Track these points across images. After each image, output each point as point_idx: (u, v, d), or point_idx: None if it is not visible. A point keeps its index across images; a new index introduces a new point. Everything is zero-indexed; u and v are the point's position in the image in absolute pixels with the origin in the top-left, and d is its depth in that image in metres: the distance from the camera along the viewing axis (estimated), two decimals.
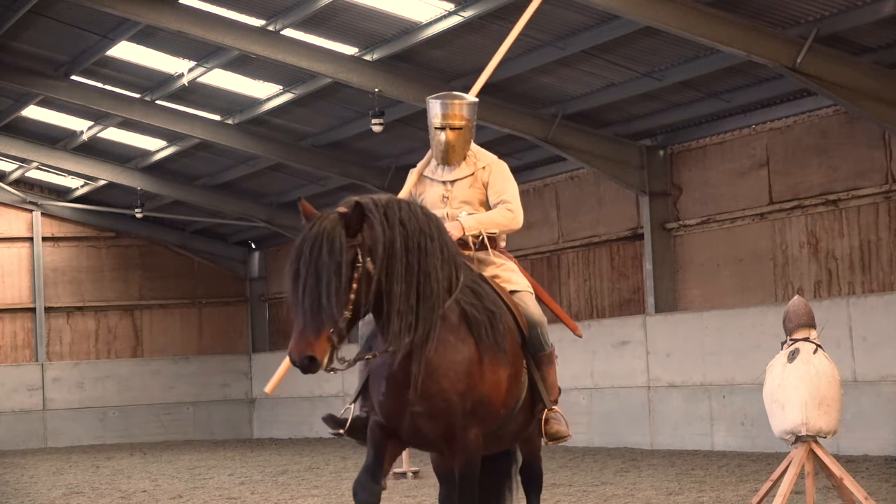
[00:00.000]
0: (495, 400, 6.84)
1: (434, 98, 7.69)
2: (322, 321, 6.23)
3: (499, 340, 6.85)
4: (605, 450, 18.56)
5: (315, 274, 6.26)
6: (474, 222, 7.44)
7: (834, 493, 10.37)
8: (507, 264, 7.55)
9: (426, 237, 6.68)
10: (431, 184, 7.70)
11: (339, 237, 6.31)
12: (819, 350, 8.94)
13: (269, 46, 17.11)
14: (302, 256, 6.33)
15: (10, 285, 28.36)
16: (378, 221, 6.50)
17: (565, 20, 15.61)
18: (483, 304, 6.88)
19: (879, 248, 16.47)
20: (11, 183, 27.84)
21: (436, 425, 6.70)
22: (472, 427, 6.73)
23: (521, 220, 7.61)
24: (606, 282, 20.94)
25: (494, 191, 7.57)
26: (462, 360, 6.69)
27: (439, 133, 7.62)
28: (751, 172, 18.14)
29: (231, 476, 16.84)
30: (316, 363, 6.22)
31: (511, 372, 6.98)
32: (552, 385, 7.28)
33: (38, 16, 17.64)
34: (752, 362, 16.07)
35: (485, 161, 7.68)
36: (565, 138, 18.88)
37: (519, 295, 7.37)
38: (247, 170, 24.53)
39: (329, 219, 6.39)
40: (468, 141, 7.67)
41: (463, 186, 7.58)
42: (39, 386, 27.74)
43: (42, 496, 14.87)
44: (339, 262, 6.27)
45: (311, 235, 6.35)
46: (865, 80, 14.93)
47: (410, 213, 6.69)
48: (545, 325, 7.28)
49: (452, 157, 7.62)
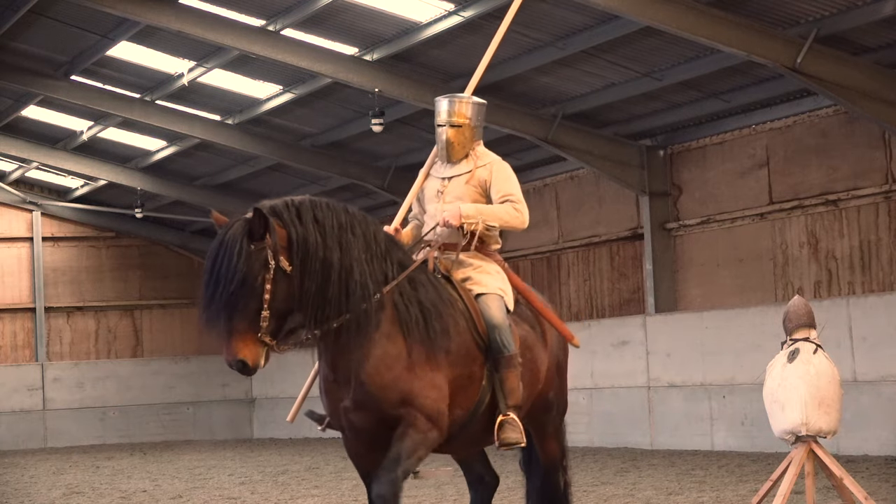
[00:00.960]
0: (433, 398, 6.77)
1: (442, 97, 7.80)
2: (244, 325, 6.43)
3: (433, 337, 6.84)
4: (605, 450, 18.55)
5: (225, 281, 6.40)
6: (473, 211, 7.44)
7: (834, 493, 10.37)
8: (484, 266, 7.46)
9: (346, 232, 6.75)
10: (432, 180, 7.77)
11: (241, 242, 6.44)
12: (819, 350, 8.94)
13: (269, 46, 17.11)
14: (213, 267, 6.48)
15: (10, 285, 28.36)
16: (289, 221, 6.61)
17: (565, 20, 15.61)
18: (419, 299, 6.90)
19: (879, 248, 16.47)
20: (11, 183, 27.84)
21: (364, 417, 6.75)
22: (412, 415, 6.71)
23: (527, 220, 7.61)
24: (606, 282, 20.94)
25: (497, 189, 7.58)
26: (383, 353, 6.71)
27: (441, 130, 7.69)
28: (751, 172, 18.14)
29: (231, 476, 16.84)
30: (248, 366, 6.44)
31: (458, 373, 6.94)
32: (511, 390, 7.12)
33: (38, 16, 17.64)
34: (752, 362, 16.06)
35: (485, 160, 7.70)
36: (565, 138, 18.89)
37: (484, 297, 7.27)
38: (247, 170, 24.53)
39: (233, 226, 6.54)
40: (469, 139, 7.71)
41: (459, 183, 7.61)
42: (39, 386, 27.74)
43: (42, 496, 14.87)
44: (246, 266, 6.41)
45: (216, 245, 6.53)
46: (865, 80, 14.93)
47: (329, 210, 6.77)
48: (504, 328, 7.16)
49: (453, 155, 7.67)
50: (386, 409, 6.69)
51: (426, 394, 6.73)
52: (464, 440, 7.23)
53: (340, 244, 6.70)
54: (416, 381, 6.73)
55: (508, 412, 7.09)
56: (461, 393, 6.95)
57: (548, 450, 7.96)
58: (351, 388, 6.72)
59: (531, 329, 7.57)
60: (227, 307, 6.40)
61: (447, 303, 7.05)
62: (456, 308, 7.09)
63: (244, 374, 6.50)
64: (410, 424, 6.70)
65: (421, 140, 21.16)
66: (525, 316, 7.58)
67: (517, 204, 7.56)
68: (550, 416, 7.90)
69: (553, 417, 7.93)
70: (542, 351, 7.61)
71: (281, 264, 6.50)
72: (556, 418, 7.98)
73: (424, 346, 6.80)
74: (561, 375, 7.98)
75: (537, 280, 22.40)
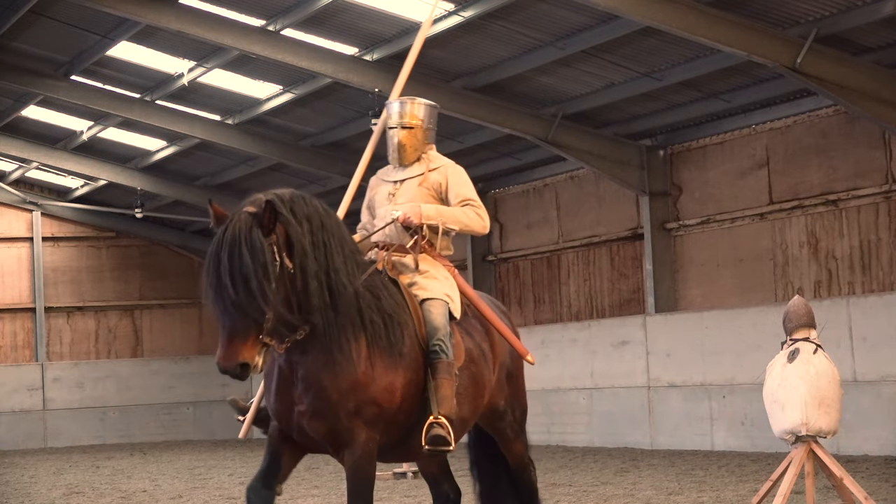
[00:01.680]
0: (387, 405, 6.65)
1: (392, 101, 7.70)
2: (250, 325, 6.14)
3: (394, 343, 6.71)
4: (605, 450, 18.55)
5: (241, 278, 6.12)
6: (434, 211, 7.29)
7: (834, 493, 10.37)
8: (431, 271, 7.27)
9: (328, 233, 6.59)
10: (383, 184, 7.61)
11: (257, 238, 6.19)
12: (819, 350, 8.94)
13: (269, 46, 17.11)
14: (221, 263, 6.17)
15: (10, 285, 28.36)
16: (288, 219, 6.41)
17: (565, 20, 15.61)
18: (381, 306, 6.75)
19: (879, 248, 16.47)
20: (11, 183, 27.84)
21: (318, 424, 6.56)
22: (359, 430, 6.56)
23: (488, 225, 7.46)
24: (606, 282, 20.94)
25: (455, 193, 7.43)
26: (346, 359, 6.53)
27: (392, 132, 7.58)
28: (751, 172, 18.14)
29: (231, 476, 16.84)
30: (248, 368, 6.15)
31: (410, 378, 6.79)
32: (444, 397, 6.85)
33: (38, 16, 17.64)
34: (752, 362, 16.06)
35: (438, 163, 7.55)
36: (565, 138, 18.88)
37: (429, 303, 7.10)
38: (247, 170, 24.53)
39: (242, 220, 6.25)
40: (422, 141, 7.57)
41: (411, 186, 7.46)
42: (39, 386, 27.74)
43: (42, 496, 14.87)
44: (262, 263, 6.16)
45: (227, 239, 6.21)
46: (865, 80, 14.93)
47: (312, 208, 6.59)
48: (444, 334, 6.97)
49: (405, 157, 7.53)
50: (341, 418, 6.52)
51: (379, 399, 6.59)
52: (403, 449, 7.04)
53: (325, 244, 6.54)
54: (371, 388, 6.58)
55: (439, 416, 6.83)
56: (408, 400, 6.80)
57: (515, 451, 7.84)
58: (310, 392, 6.54)
59: (479, 342, 7.36)
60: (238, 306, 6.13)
61: (401, 307, 6.91)
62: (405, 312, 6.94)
63: (239, 377, 6.18)
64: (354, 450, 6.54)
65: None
66: (474, 329, 7.38)
67: (478, 209, 7.41)
68: (506, 423, 7.75)
69: (510, 423, 7.78)
70: (489, 364, 7.40)
71: (285, 262, 6.32)
72: (515, 423, 7.83)
73: (385, 352, 6.66)
74: (513, 383, 7.80)
75: (537, 280, 22.41)
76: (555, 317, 21.89)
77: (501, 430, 7.74)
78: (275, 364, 6.68)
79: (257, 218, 6.26)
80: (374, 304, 6.73)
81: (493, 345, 7.49)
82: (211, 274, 6.21)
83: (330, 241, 6.56)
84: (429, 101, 7.71)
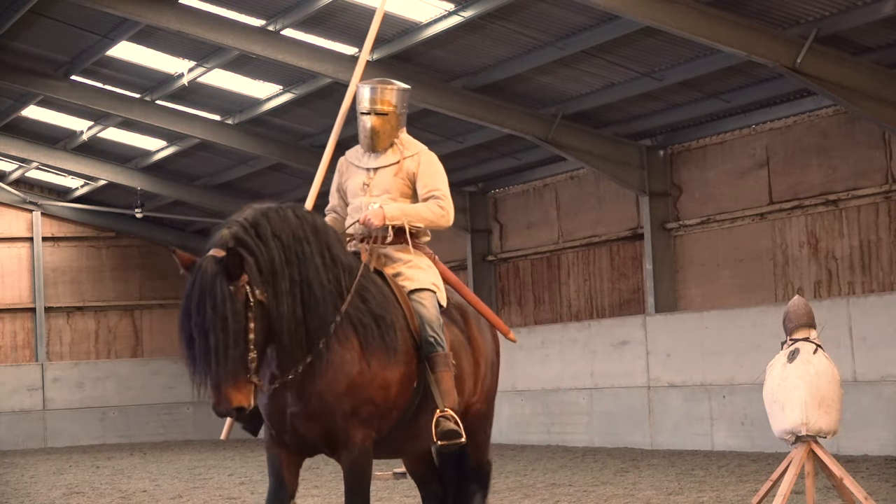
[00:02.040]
0: (382, 402, 6.60)
1: (364, 83, 7.48)
2: (235, 371, 6.08)
3: (387, 340, 6.63)
4: (605, 450, 18.55)
5: (213, 331, 6.04)
6: (398, 211, 7.16)
7: (834, 493, 10.37)
8: (415, 261, 7.19)
9: (302, 243, 6.44)
10: (356, 171, 7.44)
11: (222, 288, 6.08)
12: (819, 350, 8.94)
13: (269, 46, 17.11)
14: (192, 317, 6.11)
15: (10, 285, 28.36)
16: (254, 246, 6.27)
17: (565, 20, 15.61)
18: (370, 308, 6.65)
19: (879, 248, 16.47)
20: (11, 183, 27.84)
21: (313, 427, 6.51)
22: (356, 429, 6.52)
23: (452, 218, 7.31)
24: (606, 282, 20.94)
25: (423, 183, 7.27)
26: (341, 360, 6.47)
27: (365, 118, 7.39)
28: (751, 172, 18.14)
29: (231, 476, 16.84)
30: (244, 410, 6.14)
31: (402, 372, 6.72)
32: (447, 391, 6.83)
33: (38, 16, 17.64)
34: (752, 362, 16.06)
35: (413, 150, 7.40)
36: (565, 138, 18.88)
37: (418, 294, 7.03)
38: (247, 170, 24.53)
39: (206, 268, 6.13)
40: (395, 128, 7.39)
41: (386, 175, 7.30)
42: (39, 386, 27.74)
43: (42, 496, 14.87)
44: (232, 311, 6.07)
45: (195, 292, 6.11)
46: (865, 80, 14.92)
47: (282, 221, 6.43)
48: (437, 325, 6.92)
49: (377, 144, 7.36)
50: (337, 420, 6.47)
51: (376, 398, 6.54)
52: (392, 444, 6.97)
53: (299, 257, 6.39)
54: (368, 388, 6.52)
55: (446, 409, 6.80)
56: (401, 394, 6.73)
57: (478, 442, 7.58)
58: (305, 396, 6.48)
59: (459, 332, 7.30)
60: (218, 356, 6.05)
61: (390, 301, 6.81)
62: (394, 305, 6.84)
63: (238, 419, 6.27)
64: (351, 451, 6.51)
65: (421, 140, 20.99)
66: (454, 319, 7.31)
67: (442, 201, 7.24)
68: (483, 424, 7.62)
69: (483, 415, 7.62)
70: (470, 355, 7.34)
71: (258, 297, 6.19)
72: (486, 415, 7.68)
73: (379, 350, 6.59)
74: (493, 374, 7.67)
75: (537, 280, 22.41)
76: (555, 317, 21.89)
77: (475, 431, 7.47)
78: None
79: (223, 265, 6.13)
80: (363, 307, 6.63)
81: (471, 336, 7.39)
82: (183, 328, 6.17)
83: (304, 249, 6.43)
84: (402, 85, 7.52)
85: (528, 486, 13.52)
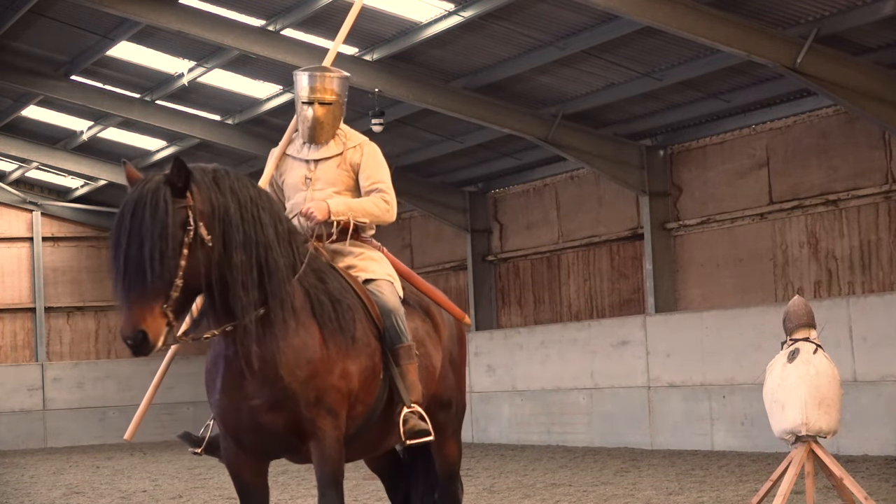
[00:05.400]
0: (345, 392, 6.23)
1: (302, 71, 7.10)
2: (152, 292, 5.64)
3: (344, 327, 6.29)
4: (605, 450, 18.55)
5: (139, 239, 5.66)
6: (343, 206, 6.82)
7: (834, 493, 10.37)
8: (366, 253, 6.90)
9: (259, 208, 6.09)
10: (294, 163, 7.05)
11: (162, 197, 5.73)
12: (819, 350, 8.94)
13: (269, 46, 17.11)
14: (123, 222, 5.76)
15: (10, 285, 28.37)
16: (207, 186, 5.94)
17: (565, 20, 15.61)
18: (327, 289, 6.34)
19: (879, 248, 16.47)
20: (11, 183, 27.85)
21: (276, 417, 6.11)
22: (324, 419, 6.14)
23: (395, 213, 7.04)
24: (606, 282, 20.94)
25: (367, 175, 6.97)
26: (302, 344, 6.12)
27: (306, 108, 6.98)
28: (751, 172, 18.14)
29: None
30: (148, 341, 5.68)
31: (365, 364, 6.40)
32: (412, 383, 6.57)
33: (38, 16, 17.65)
34: (752, 362, 16.07)
35: (356, 141, 7.08)
36: (565, 138, 18.88)
37: (375, 283, 6.74)
38: (247, 170, 24.47)
39: (153, 180, 5.82)
40: (338, 118, 7.05)
41: (329, 167, 6.98)
42: (39, 386, 27.75)
43: (42, 496, 14.87)
44: (164, 223, 5.68)
45: (132, 199, 5.79)
46: (865, 80, 14.92)
47: (240, 183, 6.10)
48: (400, 314, 6.64)
49: (320, 136, 6.99)
50: (301, 409, 6.10)
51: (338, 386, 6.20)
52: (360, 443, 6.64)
53: (255, 219, 6.04)
54: (330, 375, 6.17)
55: (412, 405, 6.54)
56: (364, 388, 6.40)
57: (448, 454, 7.31)
58: (267, 384, 6.08)
59: (422, 323, 7.03)
60: (138, 270, 5.62)
61: (348, 291, 6.50)
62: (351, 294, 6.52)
63: (138, 351, 5.70)
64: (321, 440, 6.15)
65: (422, 140, 21.16)
66: (415, 309, 7.03)
67: (386, 194, 6.95)
68: (451, 414, 7.29)
69: (453, 416, 7.31)
70: (435, 345, 7.08)
71: (200, 230, 5.81)
72: (456, 417, 7.36)
73: (337, 336, 6.25)
74: (456, 370, 7.36)
75: (537, 280, 22.41)
76: (555, 317, 21.89)
77: (444, 423, 7.20)
78: (220, 356, 6.25)
79: (168, 178, 5.83)
80: (320, 286, 6.32)
81: (436, 326, 7.16)
82: (112, 235, 5.81)
83: (262, 215, 6.09)
84: (342, 72, 7.21)
85: (528, 486, 13.53)
